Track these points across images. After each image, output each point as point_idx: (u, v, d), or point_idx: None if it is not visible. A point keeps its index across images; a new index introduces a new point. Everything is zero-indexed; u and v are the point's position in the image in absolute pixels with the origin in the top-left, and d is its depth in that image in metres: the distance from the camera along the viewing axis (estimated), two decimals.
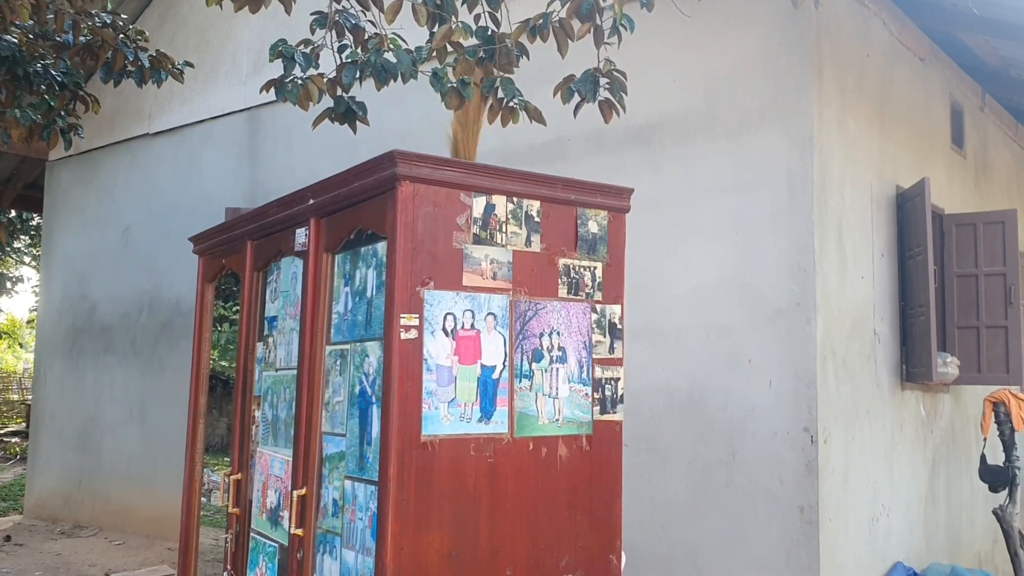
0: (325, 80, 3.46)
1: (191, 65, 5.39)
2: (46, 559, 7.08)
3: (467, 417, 2.41)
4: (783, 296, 4.75)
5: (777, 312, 4.75)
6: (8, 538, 7.77)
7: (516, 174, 2.53)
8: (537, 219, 2.56)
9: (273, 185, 7.15)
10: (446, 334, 2.40)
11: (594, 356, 2.63)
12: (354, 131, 3.79)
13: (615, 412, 2.65)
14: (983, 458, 5.75)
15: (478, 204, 2.47)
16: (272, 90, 3.35)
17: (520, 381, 2.50)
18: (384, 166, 2.38)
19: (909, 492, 5.62)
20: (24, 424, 18.68)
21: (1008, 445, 5.54)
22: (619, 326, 2.69)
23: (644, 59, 4.90)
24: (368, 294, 2.53)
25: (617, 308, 2.68)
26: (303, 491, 2.66)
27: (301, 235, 2.84)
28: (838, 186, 4.99)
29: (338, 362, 2.64)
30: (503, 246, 2.50)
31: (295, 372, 2.85)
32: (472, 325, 2.44)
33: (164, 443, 7.74)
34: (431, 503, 2.33)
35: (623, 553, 2.69)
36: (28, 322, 23.61)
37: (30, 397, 22.07)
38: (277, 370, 3.04)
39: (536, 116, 3.41)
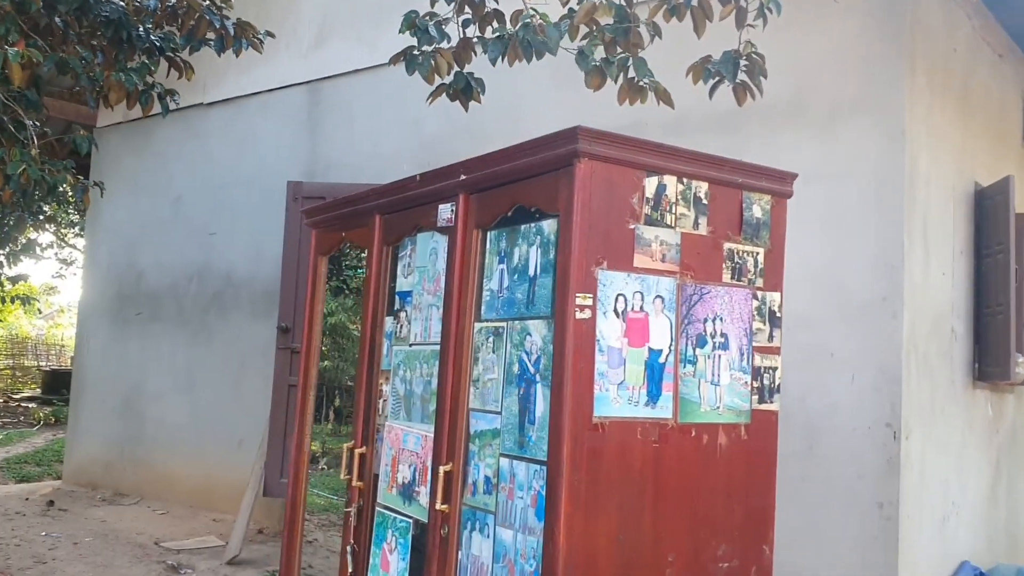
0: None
1: (272, 35, 5.32)
2: (92, 525, 7.07)
3: (635, 400, 2.37)
4: (869, 290, 4.70)
5: (862, 306, 4.71)
6: (52, 503, 7.76)
7: (687, 153, 2.48)
8: (705, 201, 2.51)
9: (334, 159, 7.07)
10: (617, 315, 2.35)
11: (754, 344, 2.59)
12: (466, 108, 3.73)
13: (772, 402, 2.61)
14: None
15: (650, 184, 2.42)
16: (402, 63, 3.29)
17: (684, 366, 2.46)
18: (562, 142, 2.33)
19: (976, 492, 5.61)
20: (39, 390, 18.69)
21: None
22: (778, 314, 2.65)
23: (729, 44, 4.84)
24: (531, 272, 2.48)
25: (777, 296, 2.64)
26: (448, 467, 2.63)
27: (446, 211, 2.79)
28: (925, 181, 4.94)
29: (490, 339, 2.60)
30: (672, 228, 2.46)
31: (434, 348, 2.81)
32: (641, 307, 2.40)
33: (211, 414, 7.71)
34: (599, 485, 2.29)
35: None
36: (49, 288, 23.57)
37: (43, 364, 22.14)
38: (411, 345, 3.00)
39: (665, 98, 3.35)
